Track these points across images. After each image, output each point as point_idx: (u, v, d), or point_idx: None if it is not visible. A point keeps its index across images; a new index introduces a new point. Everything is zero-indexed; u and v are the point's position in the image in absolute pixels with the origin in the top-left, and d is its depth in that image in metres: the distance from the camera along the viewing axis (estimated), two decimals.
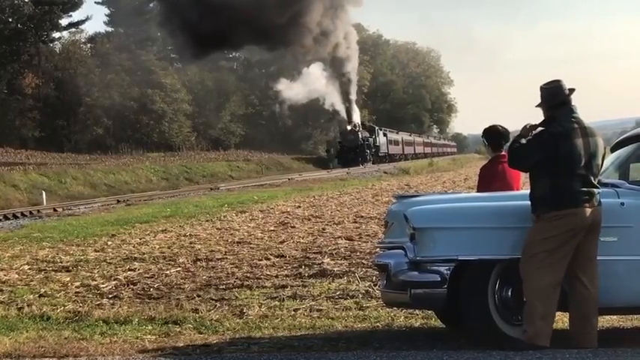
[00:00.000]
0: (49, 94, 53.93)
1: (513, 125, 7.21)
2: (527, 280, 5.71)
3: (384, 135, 69.34)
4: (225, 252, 12.44)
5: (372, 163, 61.22)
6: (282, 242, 13.37)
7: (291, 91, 62.26)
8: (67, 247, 13.69)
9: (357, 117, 65.42)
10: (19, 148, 48.46)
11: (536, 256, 5.66)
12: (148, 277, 10.25)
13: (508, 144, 7.55)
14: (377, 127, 67.68)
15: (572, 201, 5.67)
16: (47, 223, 19.57)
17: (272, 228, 15.97)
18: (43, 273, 10.91)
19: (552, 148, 5.70)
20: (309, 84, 61.29)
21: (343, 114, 64.58)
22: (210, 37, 41.63)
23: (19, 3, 53.05)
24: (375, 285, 8.73)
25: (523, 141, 5.93)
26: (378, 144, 65.36)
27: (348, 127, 61.56)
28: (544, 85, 5.92)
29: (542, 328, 5.65)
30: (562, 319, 6.53)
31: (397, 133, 78.17)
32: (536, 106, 5.95)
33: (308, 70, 61.85)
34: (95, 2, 65.49)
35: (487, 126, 7.63)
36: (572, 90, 5.88)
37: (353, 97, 65.05)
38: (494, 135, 7.52)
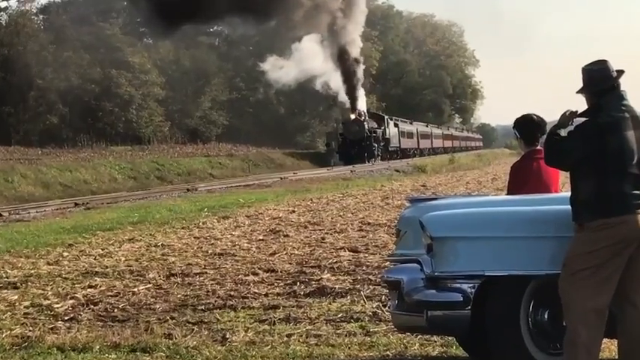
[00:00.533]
0: None
1: (550, 114, 7.20)
2: (568, 302, 5.70)
3: (395, 126, 69.22)
4: (205, 265, 12.44)
5: (381, 160, 61.13)
6: (272, 254, 13.37)
7: (280, 71, 62.02)
8: (15, 260, 13.66)
9: (362, 104, 64.91)
10: None
11: (578, 273, 5.64)
12: (111, 296, 10.24)
13: (544, 137, 7.60)
14: (387, 117, 67.51)
15: (623, 206, 5.65)
16: None
17: (261, 237, 15.97)
18: None
19: (598, 142, 5.68)
20: (302, 62, 60.89)
21: (345, 100, 64.34)
22: (181, 5, 41.56)
23: None
24: (384, 306, 8.73)
25: (563, 133, 5.91)
26: (387, 136, 65.20)
27: (352, 116, 61.14)
28: (587, 66, 5.90)
29: (585, 359, 5.64)
30: (610, 348, 6.52)
31: (411, 123, 78.26)
32: (578, 92, 5.92)
33: (300, 45, 61.42)
34: None
35: (520, 115, 7.63)
36: (620, 72, 5.86)
37: (358, 79, 64.56)
38: (528, 126, 7.52)
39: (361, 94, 65.37)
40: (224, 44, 78.61)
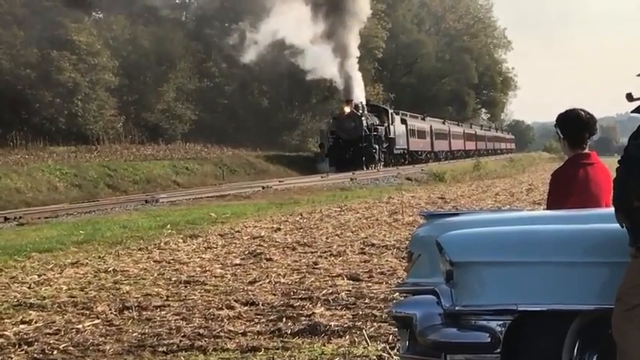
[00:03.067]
0: None
1: (600, 111, 7.22)
2: (623, 344, 5.71)
3: (403, 122, 68.34)
4: (167, 296, 12.46)
5: (384, 165, 60.48)
6: (252, 283, 13.41)
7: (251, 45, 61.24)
8: None
9: (360, 93, 63.89)
10: None
11: (636, 309, 5.66)
12: (50, 334, 10.23)
13: (593, 138, 7.62)
14: (391, 110, 66.63)
15: None
16: None
17: (238, 261, 16.00)
18: None
19: None
20: (279, 30, 59.92)
21: (339, 87, 63.47)
22: None
23: None
24: (392, 348, 8.75)
25: None
26: (392, 135, 64.33)
27: (346, 110, 59.81)
28: None
29: None
30: None
31: (423, 119, 77.99)
32: (639, 75, 5.95)
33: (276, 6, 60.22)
34: None
35: (563, 111, 7.65)
36: None
37: (354, 62, 63.69)
38: (573, 124, 7.53)
39: (359, 80, 64.19)
40: (192, 20, 78.71)
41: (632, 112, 5.97)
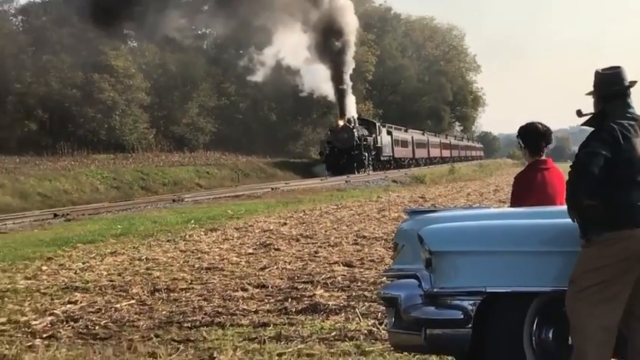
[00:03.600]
0: None
1: (558, 123, 7.22)
2: (575, 320, 5.70)
3: (389, 133, 68.22)
4: (191, 280, 12.44)
5: (373, 170, 60.31)
6: (263, 269, 13.38)
7: (258, 66, 60.84)
8: None
9: (352, 109, 63.44)
10: None
11: (586, 290, 5.64)
12: (92, 312, 10.22)
13: (549, 146, 7.62)
14: (378, 123, 66.55)
15: (631, 219, 5.65)
16: None
17: (250, 251, 15.97)
18: None
19: (611, 149, 5.67)
20: (281, 54, 59.52)
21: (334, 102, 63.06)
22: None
23: None
24: (380, 324, 8.73)
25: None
26: (379, 145, 64.09)
27: (340, 123, 59.67)
28: (601, 70, 5.94)
29: None
30: None
31: (406, 131, 77.81)
32: (587, 94, 5.97)
33: (278, 34, 59.75)
34: None
35: (524, 124, 7.65)
36: (633, 82, 5.91)
37: (346, 81, 62.96)
38: (532, 135, 7.53)
39: (351, 98, 63.72)
40: (212, 47, 78.61)
41: (582, 125, 5.99)
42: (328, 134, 61.94)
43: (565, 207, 5.80)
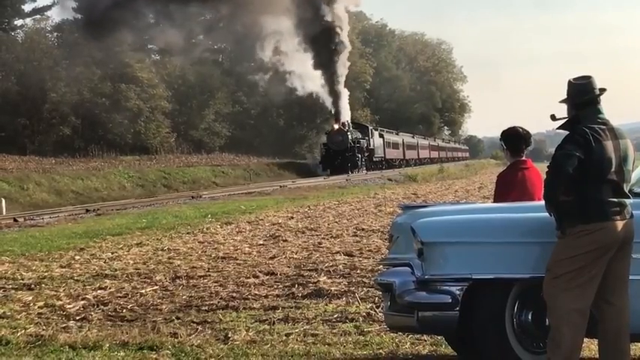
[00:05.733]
0: (10, 88, 53.81)
1: (536, 127, 7.22)
2: (552, 304, 5.70)
3: (380, 136, 67.55)
4: (208, 268, 12.44)
5: (367, 170, 59.98)
6: (272, 258, 13.38)
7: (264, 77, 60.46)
8: (29, 262, 13.65)
9: (346, 114, 62.67)
10: None
11: (562, 277, 5.65)
12: (120, 297, 10.23)
13: (529, 148, 7.62)
14: (371, 127, 65.91)
15: (601, 214, 5.65)
16: (7, 234, 19.52)
17: (261, 242, 15.97)
18: (1, 291, 10.89)
19: (584, 150, 5.67)
20: (283, 62, 59.10)
21: (339, 112, 62.72)
22: None
23: None
24: (377, 307, 8.73)
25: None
26: (372, 147, 63.41)
27: (335, 126, 59.12)
28: (573, 79, 5.94)
29: (568, 357, 5.63)
30: (590, 347, 6.52)
31: (397, 134, 77.27)
32: (560, 102, 5.97)
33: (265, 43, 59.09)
34: None
35: (506, 128, 7.65)
36: (602, 90, 5.90)
37: (341, 87, 62.27)
38: (513, 138, 7.54)
39: (345, 103, 62.93)
40: (227, 60, 78.57)
41: (557, 128, 6.00)
42: (324, 137, 61.63)
43: (543, 202, 5.80)
